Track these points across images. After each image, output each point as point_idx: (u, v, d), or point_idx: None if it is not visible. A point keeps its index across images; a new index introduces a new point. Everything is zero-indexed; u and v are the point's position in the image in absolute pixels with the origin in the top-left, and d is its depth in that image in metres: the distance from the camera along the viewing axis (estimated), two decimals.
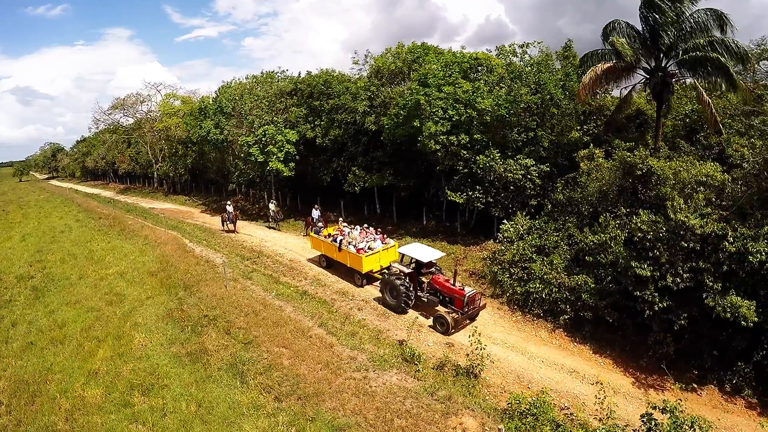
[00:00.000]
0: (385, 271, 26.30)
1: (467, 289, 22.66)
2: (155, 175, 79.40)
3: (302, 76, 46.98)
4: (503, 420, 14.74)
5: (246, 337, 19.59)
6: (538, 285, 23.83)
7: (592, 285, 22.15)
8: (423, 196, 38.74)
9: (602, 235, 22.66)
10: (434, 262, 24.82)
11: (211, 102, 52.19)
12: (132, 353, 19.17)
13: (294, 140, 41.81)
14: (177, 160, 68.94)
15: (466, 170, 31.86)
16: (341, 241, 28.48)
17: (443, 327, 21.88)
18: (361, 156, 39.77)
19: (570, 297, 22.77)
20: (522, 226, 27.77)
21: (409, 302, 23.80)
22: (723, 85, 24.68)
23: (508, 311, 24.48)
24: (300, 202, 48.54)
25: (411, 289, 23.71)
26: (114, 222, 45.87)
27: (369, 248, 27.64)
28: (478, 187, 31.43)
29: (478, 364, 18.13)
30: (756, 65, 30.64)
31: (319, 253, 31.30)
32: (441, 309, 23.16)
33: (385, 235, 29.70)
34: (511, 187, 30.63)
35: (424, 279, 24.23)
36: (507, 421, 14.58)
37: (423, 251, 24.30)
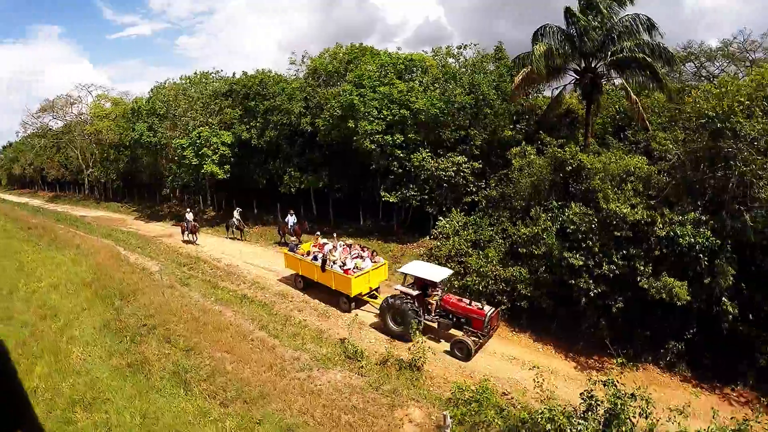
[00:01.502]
0: (375, 292, 25.06)
1: (487, 307, 20.50)
2: (86, 182, 75.56)
3: (238, 76, 45.61)
4: (448, 408, 14.84)
5: (187, 344, 18.66)
6: (475, 278, 24.00)
7: (527, 276, 22.68)
8: (359, 196, 38.46)
9: (534, 228, 23.27)
10: (438, 282, 21.57)
11: (144, 103, 50.11)
12: (71, 368, 17.87)
13: (229, 142, 40.68)
14: (109, 165, 65.15)
15: (400, 170, 32.02)
16: (325, 259, 24.91)
17: (463, 352, 19.66)
18: (296, 157, 39.18)
19: (506, 288, 23.21)
20: (457, 222, 28.01)
21: (419, 328, 20.55)
22: (651, 85, 26.17)
23: None
24: (236, 205, 46.74)
25: (420, 313, 21.18)
26: (44, 232, 42.91)
27: (357, 268, 24.32)
28: (412, 185, 31.78)
29: (420, 357, 18.28)
30: (682, 66, 32.70)
31: (295, 273, 27.38)
32: (455, 332, 20.87)
33: (374, 252, 26.32)
34: (445, 185, 31.13)
35: (431, 301, 21.66)
36: (452, 408, 14.63)
37: (430, 270, 21.91)
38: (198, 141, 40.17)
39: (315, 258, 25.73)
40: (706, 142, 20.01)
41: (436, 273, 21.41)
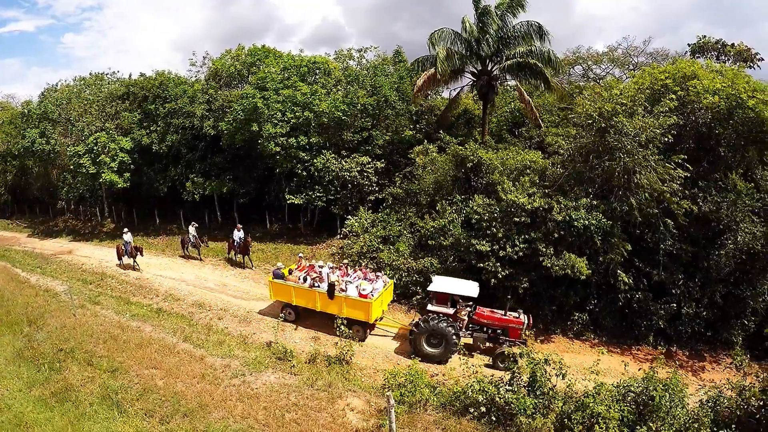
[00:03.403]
0: (383, 315, 22.51)
1: (522, 316, 19.88)
2: None
3: (135, 77, 42.53)
4: (385, 392, 15.09)
5: (111, 365, 17.51)
6: (388, 272, 24.48)
7: (438, 265, 23.68)
8: (264, 199, 37.64)
9: (441, 221, 24.30)
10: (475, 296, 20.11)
11: (35, 107, 44.74)
12: None
13: (128, 148, 37.85)
14: None
15: (305, 172, 31.83)
16: (332, 285, 21.29)
17: (506, 363, 16.97)
18: (199, 162, 37.52)
19: (419, 279, 24.08)
20: (366, 220, 28.53)
21: (458, 347, 19.42)
22: (542, 86, 28.25)
23: None
24: (136, 216, 43.81)
25: (458, 330, 19.61)
26: None
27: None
28: (317, 187, 31.74)
29: (348, 351, 18.66)
30: (571, 69, 35.59)
31: (283, 303, 23.07)
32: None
33: (382, 271, 23.70)
34: (349, 185, 31.40)
35: (461, 316, 20.31)
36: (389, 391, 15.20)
37: (459, 285, 20.38)
38: (95, 148, 37.13)
39: (315, 284, 21.90)
40: (593, 138, 22.00)
41: (468, 287, 20.20)
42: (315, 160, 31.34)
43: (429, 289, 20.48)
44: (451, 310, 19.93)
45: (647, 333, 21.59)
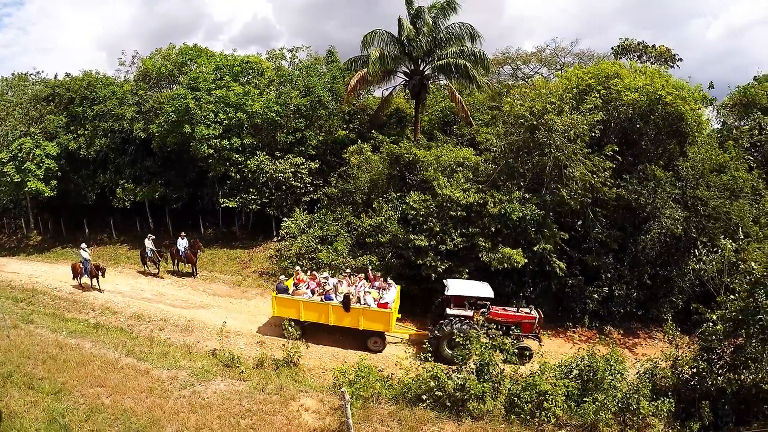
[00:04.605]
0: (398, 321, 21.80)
1: (533, 312, 20.35)
2: None
3: (60, 78, 39.87)
4: (337, 390, 15.11)
5: (53, 387, 16.52)
6: (329, 272, 23.96)
7: (378, 262, 23.84)
8: (197, 204, 36.64)
9: (378, 218, 24.50)
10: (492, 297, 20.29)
11: None
12: None
13: (54, 154, 35.51)
14: None
15: (238, 175, 31.20)
16: (348, 296, 20.20)
17: (524, 358, 18.70)
18: (129, 167, 35.86)
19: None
20: (302, 221, 28.12)
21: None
22: (471, 86, 29.03)
23: None
24: (64, 226, 41.40)
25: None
26: None
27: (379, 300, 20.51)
28: (251, 189, 31.19)
29: (295, 353, 18.57)
30: (501, 68, 36.77)
31: (288, 319, 21.08)
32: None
33: (388, 278, 22.46)
34: (284, 187, 31.04)
35: (477, 316, 20.36)
36: (345, 387, 15.35)
37: (474, 287, 20.64)
38: (20, 154, 34.59)
39: (328, 297, 20.75)
40: (523, 135, 22.96)
41: (483, 289, 20.46)
42: (249, 162, 30.73)
43: (447, 293, 20.29)
44: (470, 312, 20.04)
45: (582, 316, 22.89)
